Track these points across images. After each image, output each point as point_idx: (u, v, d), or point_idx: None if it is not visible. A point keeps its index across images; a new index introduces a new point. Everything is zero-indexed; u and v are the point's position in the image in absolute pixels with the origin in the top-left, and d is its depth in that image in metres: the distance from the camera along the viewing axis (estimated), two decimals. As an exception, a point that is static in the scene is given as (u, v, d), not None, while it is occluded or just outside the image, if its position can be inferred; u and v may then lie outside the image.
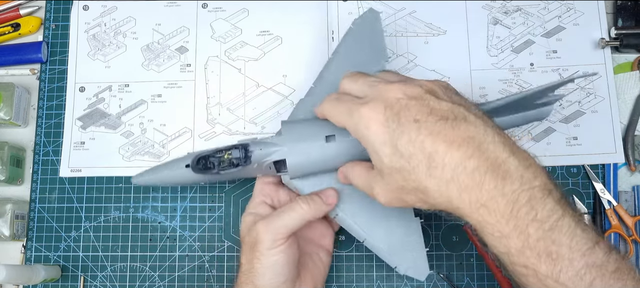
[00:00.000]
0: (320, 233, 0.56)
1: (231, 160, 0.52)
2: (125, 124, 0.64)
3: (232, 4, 0.67)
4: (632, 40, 0.62)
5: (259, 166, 0.52)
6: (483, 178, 0.39)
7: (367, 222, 0.53)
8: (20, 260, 0.62)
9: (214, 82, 0.65)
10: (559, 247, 0.38)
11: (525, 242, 0.39)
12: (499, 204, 0.39)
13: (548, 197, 0.39)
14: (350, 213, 0.53)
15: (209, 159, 0.53)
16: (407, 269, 0.53)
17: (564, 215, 0.39)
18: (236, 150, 0.52)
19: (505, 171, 0.39)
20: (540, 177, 0.40)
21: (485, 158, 0.40)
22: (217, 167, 0.52)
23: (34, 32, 0.68)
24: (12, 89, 0.63)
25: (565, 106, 0.63)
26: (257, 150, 0.52)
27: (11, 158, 0.62)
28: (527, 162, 0.41)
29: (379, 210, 0.53)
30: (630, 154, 0.61)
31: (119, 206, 0.62)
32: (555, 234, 0.38)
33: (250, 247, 0.50)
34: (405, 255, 0.53)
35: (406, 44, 0.65)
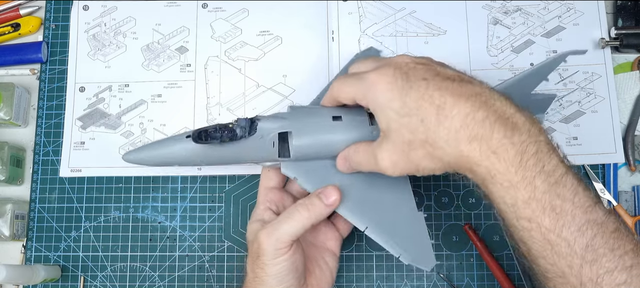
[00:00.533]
0: (324, 237, 0.55)
1: (235, 127, 0.50)
2: (125, 124, 0.64)
3: (232, 4, 0.67)
4: (632, 40, 0.62)
5: (263, 140, 0.50)
6: (493, 126, 0.40)
7: (369, 211, 0.51)
8: (20, 260, 0.62)
9: (214, 82, 0.65)
10: (563, 202, 0.39)
11: (532, 193, 0.40)
12: (508, 152, 0.40)
13: (553, 153, 0.41)
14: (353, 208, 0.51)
15: (209, 131, 0.50)
16: (413, 259, 0.50)
17: (568, 172, 0.41)
18: (242, 120, 0.50)
19: (513, 123, 0.41)
20: (545, 134, 0.42)
21: (493, 111, 0.41)
22: (219, 138, 0.49)
23: (34, 32, 0.68)
24: (12, 89, 0.63)
25: (566, 106, 0.63)
26: (264, 121, 0.50)
27: (11, 158, 0.62)
28: (532, 119, 0.42)
29: (381, 205, 0.52)
30: (630, 154, 0.61)
31: (119, 206, 0.62)
32: (560, 188, 0.40)
33: (254, 256, 0.49)
34: (409, 245, 0.51)
35: (406, 44, 0.65)
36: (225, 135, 0.49)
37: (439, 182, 0.62)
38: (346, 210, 0.51)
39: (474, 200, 0.61)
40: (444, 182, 0.62)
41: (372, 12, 0.66)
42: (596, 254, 0.39)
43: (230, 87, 0.65)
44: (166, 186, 0.63)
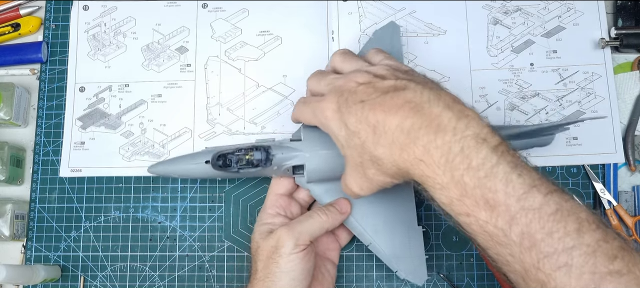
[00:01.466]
0: (326, 247, 0.58)
1: (252, 160, 0.54)
2: (125, 124, 0.64)
3: (232, 4, 0.67)
4: (632, 40, 0.62)
5: (279, 168, 0.54)
6: (417, 133, 0.41)
7: (373, 227, 0.56)
8: (20, 260, 0.62)
9: (214, 82, 0.65)
10: (495, 194, 0.39)
11: (462, 190, 0.40)
12: (433, 156, 0.41)
13: (482, 145, 0.40)
14: (359, 218, 0.56)
15: (228, 157, 0.54)
16: (407, 274, 0.55)
17: (499, 162, 0.40)
18: (258, 152, 0.54)
19: (437, 124, 0.41)
20: (473, 127, 0.41)
21: (420, 116, 0.42)
22: (236, 165, 0.54)
23: (34, 32, 0.68)
24: (12, 89, 0.63)
25: (566, 106, 0.63)
26: (279, 154, 0.54)
27: (11, 158, 0.62)
28: (462, 113, 0.42)
29: (384, 217, 0.56)
30: (630, 154, 0.61)
31: (119, 206, 0.62)
32: (490, 182, 0.39)
33: (268, 253, 0.50)
34: (406, 260, 0.55)
35: (406, 44, 0.65)
36: (239, 164, 0.54)
37: (439, 182, 0.62)
38: (354, 221, 0.55)
39: (474, 200, 0.61)
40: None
41: (372, 12, 0.66)
42: (532, 240, 0.38)
43: (230, 87, 0.65)
44: (166, 186, 0.63)
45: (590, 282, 0.37)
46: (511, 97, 0.63)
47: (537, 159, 0.61)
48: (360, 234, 0.56)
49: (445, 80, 0.64)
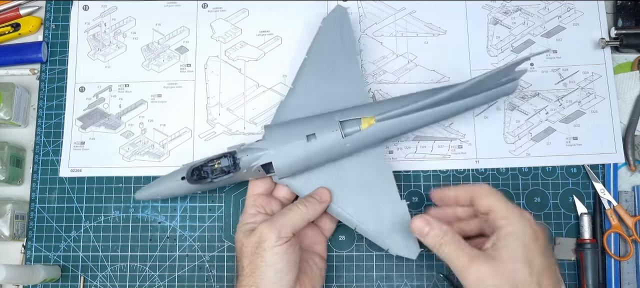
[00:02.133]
0: (312, 241, 0.58)
1: (222, 168, 0.55)
2: (125, 124, 0.64)
3: (232, 4, 0.67)
4: (632, 40, 0.62)
5: (249, 171, 0.55)
6: None
7: (356, 210, 0.56)
8: (20, 260, 0.62)
9: (214, 82, 0.65)
10: None
11: None
12: None
13: None
14: (341, 204, 0.56)
15: (202, 169, 0.55)
16: (398, 250, 0.55)
17: None
18: (225, 159, 0.55)
19: None
20: None
21: None
22: (210, 175, 0.55)
23: (34, 32, 0.68)
24: (12, 89, 0.63)
25: (566, 106, 0.63)
26: (244, 156, 0.54)
27: (11, 158, 0.62)
28: None
29: (366, 198, 0.56)
30: (630, 154, 0.61)
31: (119, 206, 0.62)
32: None
33: (253, 249, 0.51)
34: (395, 236, 0.55)
35: (406, 44, 0.65)
36: (213, 174, 0.55)
37: (439, 182, 0.62)
38: (337, 208, 0.56)
39: (474, 200, 0.61)
40: (443, 182, 0.62)
41: (372, 12, 0.66)
42: None
43: (230, 87, 0.65)
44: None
45: None
46: (511, 97, 0.63)
47: (538, 159, 0.61)
48: (345, 219, 0.56)
49: (445, 80, 0.64)
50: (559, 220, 0.61)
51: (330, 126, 0.54)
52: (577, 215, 0.60)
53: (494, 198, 0.50)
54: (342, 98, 0.58)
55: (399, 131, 0.56)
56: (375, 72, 0.64)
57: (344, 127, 0.55)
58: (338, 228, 0.61)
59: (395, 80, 0.64)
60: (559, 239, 0.60)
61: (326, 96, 0.58)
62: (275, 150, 0.54)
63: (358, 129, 0.55)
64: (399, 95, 0.58)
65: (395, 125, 0.55)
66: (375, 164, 0.57)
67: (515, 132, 0.62)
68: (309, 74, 0.60)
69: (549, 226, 0.60)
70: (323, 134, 0.54)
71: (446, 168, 0.62)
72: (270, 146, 0.54)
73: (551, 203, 0.61)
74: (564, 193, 0.61)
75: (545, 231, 0.50)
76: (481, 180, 0.61)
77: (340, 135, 0.54)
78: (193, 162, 0.56)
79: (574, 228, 0.60)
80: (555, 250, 0.60)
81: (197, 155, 0.63)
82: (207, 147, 0.63)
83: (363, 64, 0.64)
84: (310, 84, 0.59)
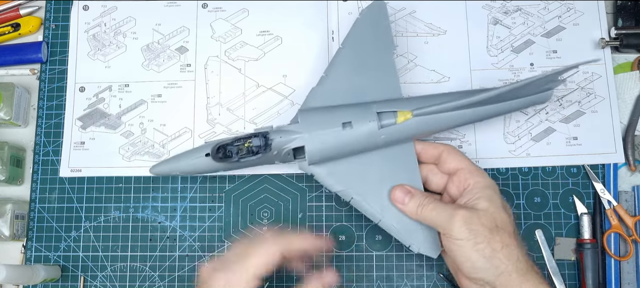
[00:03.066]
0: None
1: (251, 148, 0.54)
2: (125, 124, 0.64)
3: (232, 4, 0.67)
4: (632, 40, 0.62)
5: (279, 153, 0.54)
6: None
7: (380, 205, 0.55)
8: (20, 260, 0.62)
9: (214, 82, 0.65)
10: None
11: None
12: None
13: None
14: (366, 197, 0.55)
15: (227, 148, 0.54)
16: (420, 247, 0.54)
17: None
18: (256, 138, 0.54)
19: None
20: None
21: None
22: (236, 155, 0.54)
23: (34, 32, 0.68)
24: (12, 89, 0.63)
25: (566, 106, 0.63)
26: (277, 138, 0.54)
27: (11, 158, 0.62)
28: None
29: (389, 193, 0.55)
30: (630, 154, 0.61)
31: (119, 206, 0.62)
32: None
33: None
34: (418, 233, 0.54)
35: (406, 44, 0.65)
36: (240, 154, 0.54)
37: (439, 182, 0.62)
38: (362, 201, 0.55)
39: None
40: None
41: (372, 12, 0.65)
42: None
43: (230, 87, 0.65)
44: (166, 186, 0.63)
45: None
46: (511, 97, 0.63)
47: (538, 159, 0.61)
48: (369, 213, 0.55)
49: (445, 80, 0.64)
50: (559, 220, 0.61)
51: (368, 116, 0.54)
52: (577, 215, 0.60)
53: (461, 157, 0.54)
54: (375, 91, 0.57)
55: (434, 128, 0.56)
56: (375, 72, 0.64)
57: (381, 119, 0.54)
58: (338, 228, 0.61)
59: (395, 80, 0.64)
60: (559, 239, 0.60)
61: (359, 87, 0.57)
62: (309, 135, 0.53)
63: (394, 121, 0.54)
64: (437, 93, 0.57)
65: (430, 121, 0.55)
66: (403, 160, 0.56)
67: (515, 132, 0.62)
68: (342, 64, 0.59)
69: (549, 226, 0.60)
70: (359, 123, 0.53)
71: (446, 168, 0.62)
72: (305, 130, 0.54)
73: (551, 203, 0.61)
74: (564, 193, 0.61)
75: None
76: (481, 180, 0.61)
77: (376, 126, 0.53)
78: (219, 139, 0.55)
79: (574, 228, 0.60)
80: (556, 250, 0.60)
81: (197, 155, 0.63)
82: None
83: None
84: (343, 73, 0.58)
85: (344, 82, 0.58)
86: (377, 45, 0.60)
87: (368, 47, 0.60)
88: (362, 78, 0.58)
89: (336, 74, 0.59)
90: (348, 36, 0.61)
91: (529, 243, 0.60)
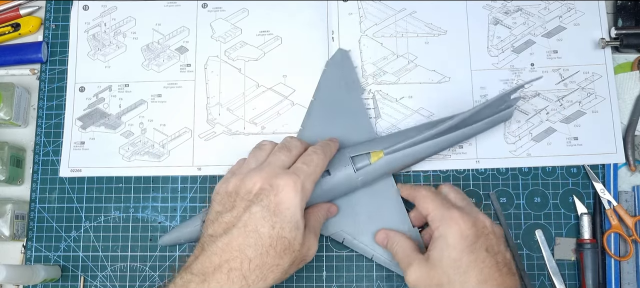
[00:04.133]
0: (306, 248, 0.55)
1: None
2: (125, 124, 0.64)
3: (232, 4, 0.67)
4: (632, 40, 0.62)
5: None
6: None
7: (371, 240, 0.58)
8: (20, 260, 0.62)
9: (214, 82, 0.65)
10: None
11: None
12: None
13: None
14: (356, 235, 0.58)
15: None
16: None
17: None
18: None
19: None
20: None
21: None
22: None
23: (34, 32, 0.67)
24: (12, 89, 0.63)
25: (566, 106, 0.63)
26: None
27: (11, 158, 0.62)
28: None
29: (380, 227, 0.58)
30: (630, 154, 0.61)
31: (119, 206, 0.62)
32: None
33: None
34: None
35: (407, 45, 0.65)
36: None
37: (439, 182, 0.62)
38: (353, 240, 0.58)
39: (474, 201, 0.61)
40: (444, 182, 0.62)
41: (373, 13, 0.66)
42: None
43: (230, 87, 0.64)
44: (166, 186, 0.63)
45: None
46: (511, 97, 0.63)
47: (538, 159, 0.61)
48: (362, 250, 0.58)
49: (446, 80, 0.64)
50: (559, 220, 0.61)
51: (343, 161, 0.56)
52: (577, 215, 0.60)
53: (430, 202, 0.53)
54: (349, 135, 0.60)
55: (406, 163, 0.58)
56: (375, 73, 0.64)
57: (355, 162, 0.56)
58: (338, 229, 0.61)
59: (395, 80, 0.64)
60: (559, 239, 0.60)
61: (334, 134, 0.60)
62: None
63: (368, 162, 0.57)
64: (405, 129, 0.60)
65: (402, 157, 0.57)
66: (385, 194, 0.59)
67: (515, 132, 0.62)
68: (315, 115, 0.62)
69: (549, 226, 0.60)
70: (336, 169, 0.56)
71: (446, 169, 0.62)
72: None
73: (551, 203, 0.61)
74: (564, 193, 0.61)
75: (479, 225, 0.51)
76: (481, 181, 0.61)
77: (352, 169, 0.56)
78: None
79: (574, 228, 0.60)
80: (556, 250, 0.60)
81: (197, 155, 0.63)
82: (207, 147, 0.63)
83: (363, 65, 0.64)
84: (318, 124, 0.62)
85: (319, 132, 0.60)
86: (346, 91, 0.62)
87: (338, 95, 0.62)
88: (335, 125, 0.61)
89: (311, 126, 0.62)
90: (318, 87, 0.63)
91: (529, 243, 0.60)
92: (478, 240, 0.50)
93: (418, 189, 0.56)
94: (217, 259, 0.48)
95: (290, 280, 0.60)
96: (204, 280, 0.47)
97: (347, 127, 0.61)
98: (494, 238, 0.51)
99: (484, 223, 0.51)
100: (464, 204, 0.54)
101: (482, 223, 0.51)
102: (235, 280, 0.47)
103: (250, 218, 0.48)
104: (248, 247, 0.47)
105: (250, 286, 0.47)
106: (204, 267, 0.48)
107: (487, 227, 0.51)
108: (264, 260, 0.47)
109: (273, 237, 0.48)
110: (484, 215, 0.52)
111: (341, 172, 0.56)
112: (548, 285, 0.59)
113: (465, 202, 0.55)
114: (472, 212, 0.52)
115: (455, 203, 0.54)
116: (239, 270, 0.47)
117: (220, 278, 0.47)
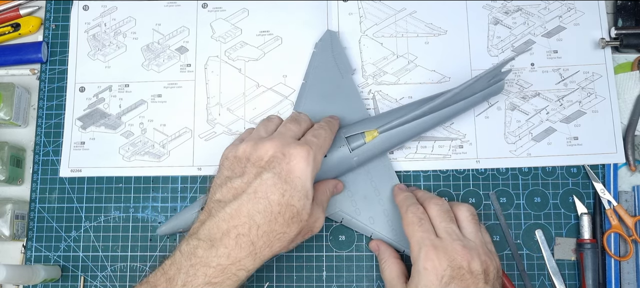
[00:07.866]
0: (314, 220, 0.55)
1: None
2: (125, 124, 0.64)
3: (232, 4, 0.67)
4: (632, 40, 0.62)
5: None
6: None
7: (370, 219, 0.58)
8: (20, 260, 0.62)
9: (214, 82, 0.65)
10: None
11: None
12: None
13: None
14: (355, 215, 0.59)
15: None
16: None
17: None
18: None
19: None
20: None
21: None
22: None
23: (34, 32, 0.67)
24: (12, 89, 0.63)
25: (566, 106, 0.63)
26: None
27: (11, 158, 0.62)
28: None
29: (378, 205, 0.58)
30: (630, 154, 0.61)
31: (119, 206, 0.62)
32: None
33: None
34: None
35: (407, 45, 0.65)
36: None
37: (439, 182, 0.62)
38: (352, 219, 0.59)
39: (474, 201, 0.61)
40: (444, 182, 0.62)
41: (373, 13, 0.66)
42: None
43: (230, 87, 0.64)
44: (166, 186, 0.63)
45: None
46: (512, 97, 0.63)
47: (538, 159, 0.61)
48: (362, 229, 0.59)
49: (446, 80, 0.64)
50: (559, 220, 0.61)
51: (338, 142, 0.57)
52: (577, 215, 0.60)
53: (414, 231, 0.52)
54: (343, 115, 0.60)
55: (401, 140, 0.58)
56: (375, 73, 0.64)
57: (350, 142, 0.57)
58: (338, 228, 0.61)
59: (395, 80, 0.64)
60: (559, 239, 0.60)
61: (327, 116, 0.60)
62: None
63: (363, 142, 0.57)
64: (398, 106, 0.60)
65: (396, 134, 0.58)
66: (381, 172, 0.59)
67: (515, 132, 0.62)
68: (308, 97, 0.62)
69: (549, 226, 0.60)
70: (332, 150, 0.56)
71: (446, 169, 0.62)
72: None
73: (551, 203, 0.61)
74: (564, 193, 0.61)
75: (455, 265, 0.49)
76: (481, 181, 0.61)
77: (347, 149, 0.56)
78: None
79: (574, 228, 0.60)
80: (556, 250, 0.60)
81: (197, 155, 0.63)
82: (207, 147, 0.63)
83: (363, 65, 0.64)
84: (311, 106, 0.61)
85: (312, 115, 0.60)
86: (336, 72, 0.62)
87: (328, 76, 0.62)
88: (328, 107, 0.61)
89: (304, 108, 0.62)
90: (308, 70, 0.63)
91: (529, 243, 0.60)
92: (452, 282, 0.48)
93: (406, 209, 0.54)
94: (226, 225, 0.47)
95: (290, 280, 0.60)
96: (212, 246, 0.47)
97: (340, 108, 0.61)
98: (471, 279, 0.48)
99: (460, 264, 0.49)
100: (447, 232, 0.51)
101: (459, 263, 0.49)
102: (244, 245, 0.47)
103: (261, 184, 0.48)
104: (257, 213, 0.47)
105: (257, 252, 0.47)
106: (211, 232, 0.48)
107: (464, 268, 0.48)
108: (272, 227, 0.47)
109: (282, 204, 0.47)
110: (463, 250, 0.49)
111: (337, 152, 0.56)
112: (548, 285, 0.59)
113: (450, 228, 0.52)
114: (451, 247, 0.50)
115: (438, 231, 0.52)
116: (247, 236, 0.47)
117: (228, 243, 0.47)
